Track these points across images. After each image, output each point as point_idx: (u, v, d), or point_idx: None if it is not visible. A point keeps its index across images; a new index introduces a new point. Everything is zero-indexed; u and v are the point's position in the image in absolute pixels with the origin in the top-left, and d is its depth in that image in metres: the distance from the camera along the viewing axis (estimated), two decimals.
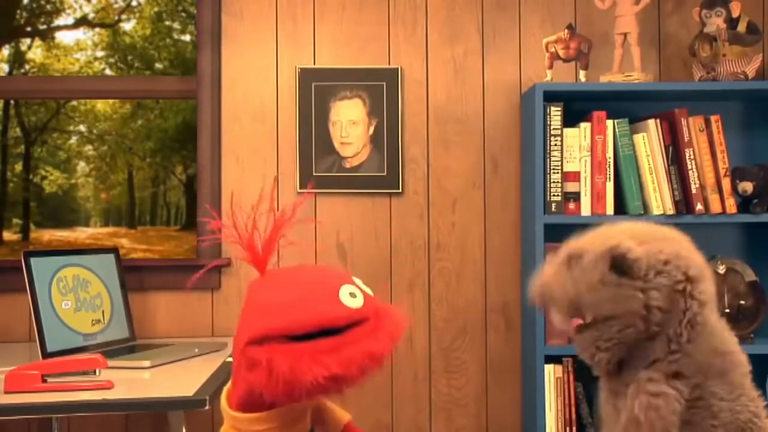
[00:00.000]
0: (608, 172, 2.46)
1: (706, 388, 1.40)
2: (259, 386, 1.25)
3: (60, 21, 2.90)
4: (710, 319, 1.42)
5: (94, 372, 1.90)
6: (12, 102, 2.88)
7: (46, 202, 2.91)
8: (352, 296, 1.30)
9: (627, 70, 2.58)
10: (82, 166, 2.93)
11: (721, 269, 2.51)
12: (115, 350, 2.28)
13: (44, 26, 2.90)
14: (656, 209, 2.45)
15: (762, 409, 1.43)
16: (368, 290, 1.37)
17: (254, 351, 1.25)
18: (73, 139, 2.92)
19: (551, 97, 2.54)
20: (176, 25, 2.93)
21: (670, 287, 1.38)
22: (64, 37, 2.91)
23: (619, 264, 1.38)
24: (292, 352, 1.24)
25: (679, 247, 1.42)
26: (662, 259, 1.39)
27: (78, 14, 2.90)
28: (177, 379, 1.90)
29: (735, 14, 2.51)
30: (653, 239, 1.43)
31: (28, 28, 2.89)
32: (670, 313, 1.39)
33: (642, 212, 2.46)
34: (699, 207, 2.45)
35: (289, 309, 1.28)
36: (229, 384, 1.39)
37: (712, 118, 2.48)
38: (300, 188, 2.68)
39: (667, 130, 2.48)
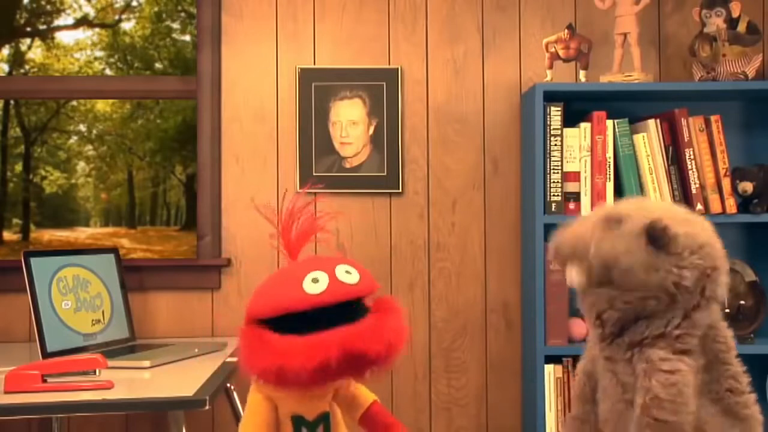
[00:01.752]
0: (608, 172, 2.46)
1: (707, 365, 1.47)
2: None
3: (60, 21, 2.90)
4: (714, 306, 1.48)
5: (94, 372, 1.90)
6: (12, 102, 2.88)
7: (46, 202, 2.91)
8: (314, 282, 1.40)
9: (627, 70, 2.58)
10: (82, 166, 2.93)
11: None
12: (115, 350, 2.28)
13: (44, 26, 2.90)
14: None
15: (743, 384, 1.52)
16: (355, 276, 1.44)
17: (242, 335, 1.43)
18: (73, 139, 2.92)
19: (551, 97, 2.54)
20: (176, 25, 2.93)
21: (701, 270, 1.43)
22: (64, 37, 2.91)
23: (659, 237, 1.41)
24: (251, 337, 1.40)
25: (711, 234, 1.47)
26: (699, 243, 1.43)
27: (78, 14, 2.90)
28: (177, 379, 1.90)
29: (735, 14, 2.51)
30: (689, 222, 1.47)
31: (28, 28, 2.89)
32: (692, 294, 1.43)
33: None
34: (699, 207, 2.45)
35: (261, 296, 1.42)
36: None
37: (712, 118, 2.48)
38: (300, 188, 2.68)
39: (667, 130, 2.48)
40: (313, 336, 1.36)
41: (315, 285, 1.40)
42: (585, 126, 2.47)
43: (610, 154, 2.47)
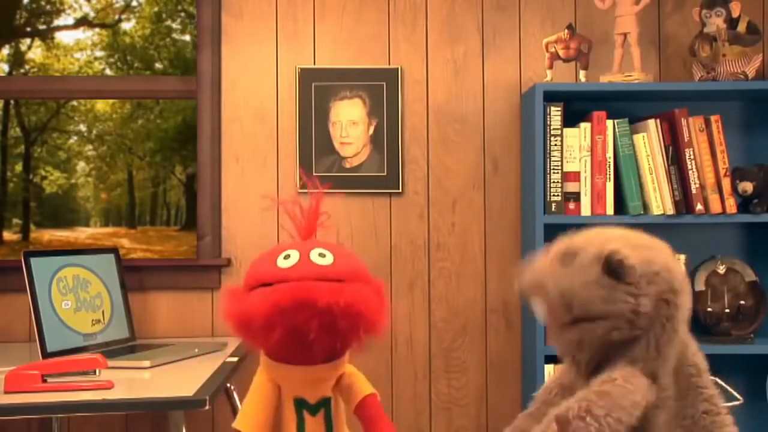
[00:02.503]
0: (608, 172, 2.46)
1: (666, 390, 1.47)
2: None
3: (60, 21, 2.90)
4: (681, 328, 1.49)
5: (94, 372, 1.90)
6: (12, 102, 2.88)
7: (46, 202, 2.91)
8: (285, 258, 1.53)
9: (627, 70, 2.58)
10: (82, 166, 2.93)
11: (721, 269, 2.51)
12: (115, 350, 2.28)
13: (44, 26, 2.90)
14: (656, 209, 2.45)
15: (718, 406, 1.50)
16: (327, 259, 1.54)
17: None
18: (73, 139, 2.92)
19: (551, 97, 2.54)
20: (176, 25, 2.93)
21: (658, 296, 1.44)
22: (63, 37, 2.91)
23: (615, 268, 1.42)
24: (230, 293, 1.55)
25: (667, 258, 1.49)
26: (654, 270, 1.45)
27: (78, 14, 2.90)
28: (177, 379, 1.90)
29: (735, 14, 2.51)
30: (645, 248, 1.49)
31: (28, 28, 2.89)
32: (654, 320, 1.44)
33: (642, 212, 2.46)
34: (699, 207, 2.45)
35: (250, 267, 1.57)
36: None
37: (712, 118, 2.48)
38: (300, 188, 2.68)
39: (667, 130, 2.48)
40: (275, 286, 1.48)
41: (285, 261, 1.52)
42: (585, 126, 2.47)
43: (610, 154, 2.47)
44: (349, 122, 2.68)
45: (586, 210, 2.46)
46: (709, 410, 1.50)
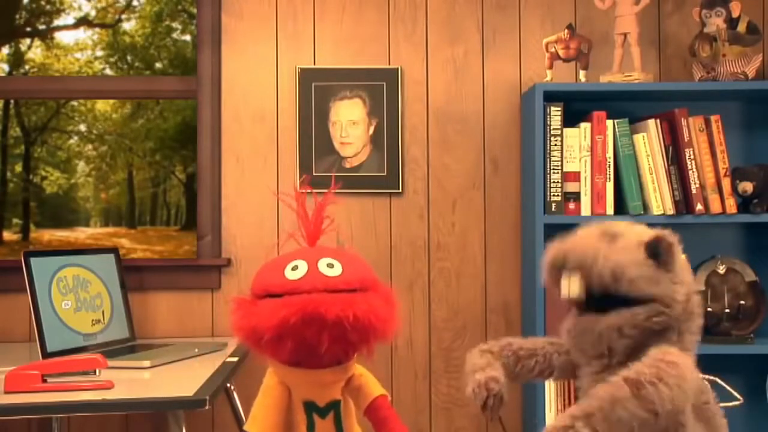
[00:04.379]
0: (608, 172, 2.46)
1: None
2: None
3: (60, 21, 2.90)
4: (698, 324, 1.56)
5: (94, 372, 1.90)
6: (12, 102, 2.88)
7: (46, 202, 2.91)
8: (293, 269, 1.52)
9: (627, 70, 2.58)
10: (82, 166, 2.93)
11: (721, 269, 2.51)
12: (115, 350, 2.28)
13: (44, 26, 2.90)
14: (656, 209, 2.45)
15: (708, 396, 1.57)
16: (336, 270, 1.53)
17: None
18: (74, 140, 2.92)
19: (551, 97, 2.54)
20: (176, 25, 2.93)
21: (689, 288, 1.51)
22: (63, 37, 2.91)
23: (662, 252, 1.46)
24: (240, 303, 1.54)
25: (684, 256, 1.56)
26: (685, 262, 1.52)
27: (78, 14, 2.90)
28: (177, 379, 1.90)
29: (735, 14, 2.51)
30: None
31: (28, 28, 2.89)
32: (683, 311, 1.49)
33: (642, 212, 2.46)
34: (699, 207, 2.45)
35: (256, 276, 1.57)
36: None
37: (712, 118, 2.48)
38: (300, 188, 2.68)
39: (667, 130, 2.48)
40: (285, 298, 1.47)
41: (293, 272, 1.52)
42: (585, 126, 2.47)
43: (610, 154, 2.47)
44: (349, 122, 2.68)
45: (586, 210, 2.46)
46: (706, 401, 1.55)
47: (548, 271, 1.56)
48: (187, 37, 2.93)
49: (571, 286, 1.51)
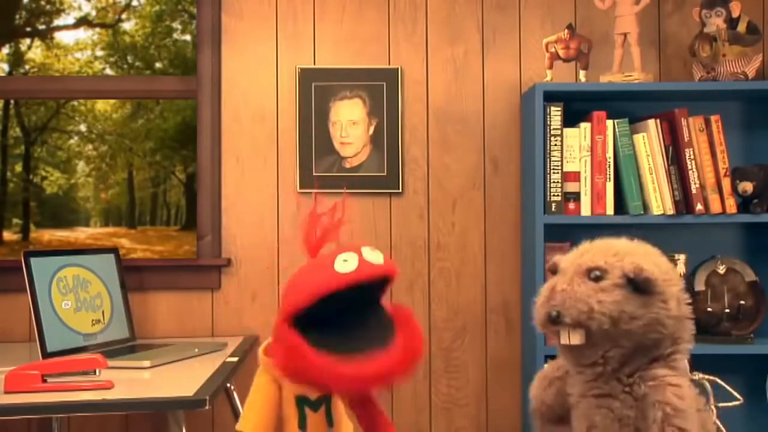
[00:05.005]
0: (608, 172, 2.46)
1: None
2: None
3: (60, 21, 2.90)
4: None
5: (94, 372, 1.90)
6: (12, 102, 2.88)
7: (46, 202, 2.91)
8: (344, 261, 1.44)
9: (627, 70, 2.58)
10: (82, 166, 2.93)
11: (721, 269, 2.51)
12: (115, 350, 2.28)
13: (44, 26, 2.90)
14: (656, 209, 2.45)
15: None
16: (380, 257, 1.49)
17: (277, 329, 1.46)
18: (74, 140, 2.92)
19: (551, 97, 2.54)
20: (176, 25, 2.93)
21: (677, 296, 1.57)
22: (64, 37, 2.91)
23: (644, 286, 1.52)
24: (287, 344, 1.43)
25: (664, 259, 1.61)
26: (664, 271, 1.57)
27: (78, 14, 2.90)
28: (177, 379, 1.90)
29: (735, 14, 2.51)
30: (649, 255, 1.59)
31: (28, 28, 2.89)
32: (676, 319, 1.56)
33: (642, 212, 2.46)
34: (699, 207, 2.45)
35: (296, 287, 1.45)
36: (270, 340, 1.58)
37: (712, 118, 2.48)
38: (300, 188, 2.68)
39: (667, 130, 2.48)
40: (350, 364, 1.42)
41: (346, 264, 1.44)
42: (585, 126, 2.47)
43: (610, 154, 2.47)
44: (349, 122, 2.68)
45: (586, 210, 2.46)
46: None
47: (543, 326, 1.60)
48: (188, 37, 2.93)
49: (572, 338, 1.56)
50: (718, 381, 2.03)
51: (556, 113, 2.46)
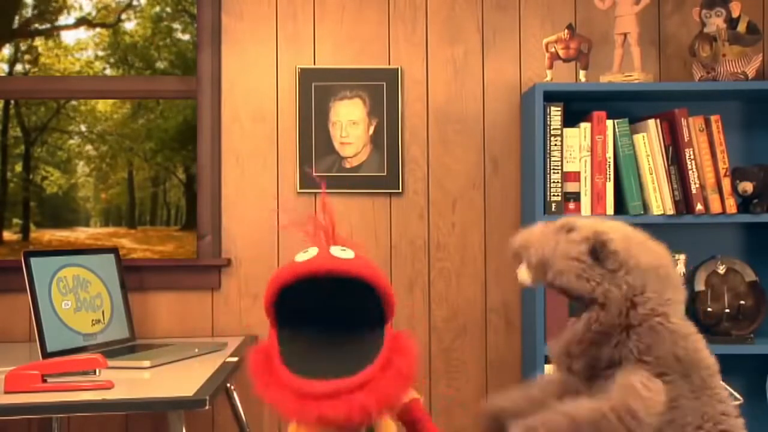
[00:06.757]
0: (608, 172, 2.46)
1: (677, 389, 1.50)
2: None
3: (61, 21, 2.90)
4: (671, 324, 1.50)
5: (94, 372, 1.90)
6: (12, 102, 2.88)
7: (46, 202, 2.91)
8: (304, 253, 1.43)
9: (627, 70, 2.58)
10: (82, 166, 2.93)
11: (721, 269, 2.51)
12: (115, 350, 2.29)
13: (45, 26, 2.90)
14: (656, 209, 2.45)
15: (732, 408, 1.52)
16: (349, 253, 1.45)
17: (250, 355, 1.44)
18: (74, 140, 2.92)
19: (551, 97, 2.54)
20: (177, 25, 2.94)
21: (625, 294, 1.47)
22: (64, 37, 2.91)
23: (598, 250, 1.48)
24: (262, 369, 1.40)
25: (659, 259, 1.51)
26: (634, 263, 1.48)
27: (79, 14, 2.90)
28: (177, 379, 1.90)
29: (735, 14, 2.51)
30: (637, 243, 1.52)
31: (29, 28, 2.89)
32: (617, 317, 1.47)
33: (642, 212, 2.46)
34: (699, 207, 2.45)
35: (267, 285, 1.44)
36: None
37: (712, 118, 2.48)
38: (300, 188, 2.68)
39: (667, 130, 2.48)
40: (325, 389, 1.34)
41: (304, 254, 1.43)
42: (585, 126, 2.47)
43: (610, 154, 2.47)
44: (349, 122, 2.68)
45: (586, 210, 2.46)
46: (726, 412, 1.52)
47: (511, 257, 1.61)
48: (188, 37, 2.93)
49: (520, 273, 1.57)
50: None
51: (556, 113, 2.46)
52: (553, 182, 2.45)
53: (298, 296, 1.47)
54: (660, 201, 2.46)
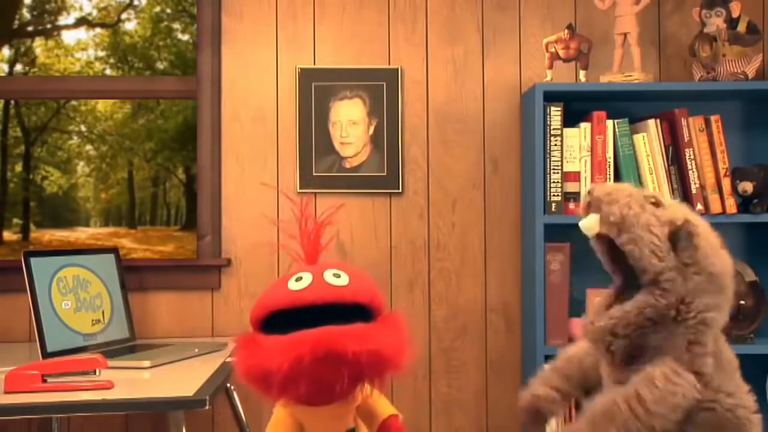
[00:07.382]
0: (608, 172, 2.46)
1: (715, 388, 1.53)
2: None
3: (61, 21, 2.90)
4: (715, 326, 1.53)
5: (94, 372, 1.90)
6: (12, 102, 2.88)
7: (46, 202, 2.91)
8: (297, 280, 1.42)
9: (627, 70, 2.58)
10: (82, 166, 2.93)
11: None
12: (115, 350, 2.29)
13: (45, 26, 2.90)
14: None
15: (752, 403, 1.59)
16: (343, 280, 1.44)
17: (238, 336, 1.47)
18: (74, 140, 2.92)
19: (551, 97, 2.54)
20: (176, 25, 2.94)
21: (685, 290, 1.47)
22: (64, 37, 2.91)
23: (681, 238, 1.45)
24: (243, 341, 1.42)
25: (726, 271, 1.51)
26: (710, 262, 1.48)
27: (79, 14, 2.90)
28: (177, 379, 1.90)
29: (735, 14, 2.51)
30: (714, 248, 1.51)
31: (29, 28, 2.89)
32: (671, 309, 1.46)
33: None
34: (699, 207, 2.45)
35: (257, 300, 1.45)
36: None
37: (712, 118, 2.48)
38: (300, 188, 2.68)
39: (667, 130, 2.48)
40: (293, 334, 1.35)
41: (297, 283, 1.42)
42: (585, 126, 2.47)
43: (610, 154, 2.47)
44: (349, 122, 2.68)
45: None
46: (746, 405, 1.58)
47: (584, 202, 1.56)
48: (187, 37, 2.93)
49: (587, 221, 1.52)
50: None
51: (556, 113, 2.46)
52: (553, 182, 2.45)
53: (289, 314, 1.45)
54: None
